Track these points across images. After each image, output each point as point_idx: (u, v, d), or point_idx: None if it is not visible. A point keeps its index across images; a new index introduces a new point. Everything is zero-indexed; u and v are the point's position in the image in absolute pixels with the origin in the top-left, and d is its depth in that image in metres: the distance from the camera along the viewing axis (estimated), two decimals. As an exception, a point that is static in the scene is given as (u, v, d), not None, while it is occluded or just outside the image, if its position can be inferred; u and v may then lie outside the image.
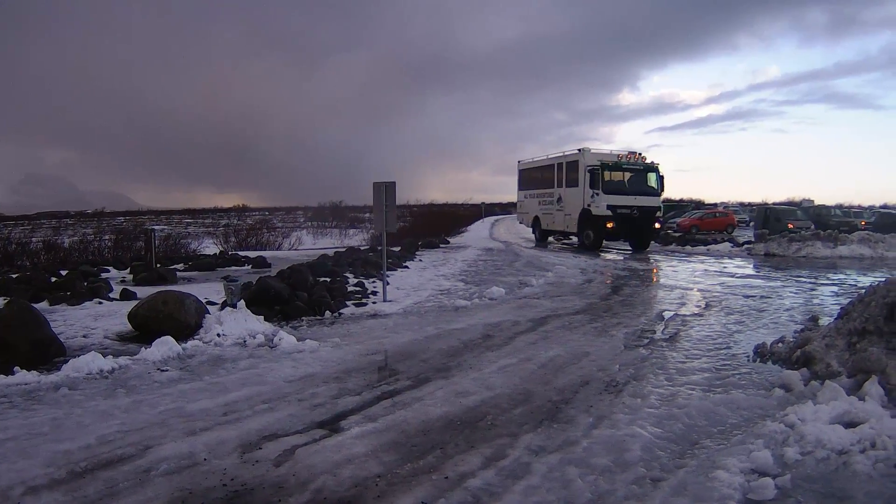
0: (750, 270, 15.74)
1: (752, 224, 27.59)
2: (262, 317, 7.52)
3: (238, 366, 5.90)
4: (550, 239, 25.94)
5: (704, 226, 33.13)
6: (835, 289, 11.73)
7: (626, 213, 20.43)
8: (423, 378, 5.48)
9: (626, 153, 21.28)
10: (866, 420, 4.31)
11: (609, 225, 20.36)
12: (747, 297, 10.70)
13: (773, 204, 54.00)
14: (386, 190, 10.07)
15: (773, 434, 4.13)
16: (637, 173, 21.10)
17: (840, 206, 49.92)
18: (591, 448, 3.93)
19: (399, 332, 7.54)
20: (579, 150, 21.31)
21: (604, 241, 21.50)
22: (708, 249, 21.93)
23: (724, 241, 24.43)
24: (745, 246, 21.92)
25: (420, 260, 17.56)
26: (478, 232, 35.29)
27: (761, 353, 6.48)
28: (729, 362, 6.17)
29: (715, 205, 56.16)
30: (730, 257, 19.45)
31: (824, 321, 7.32)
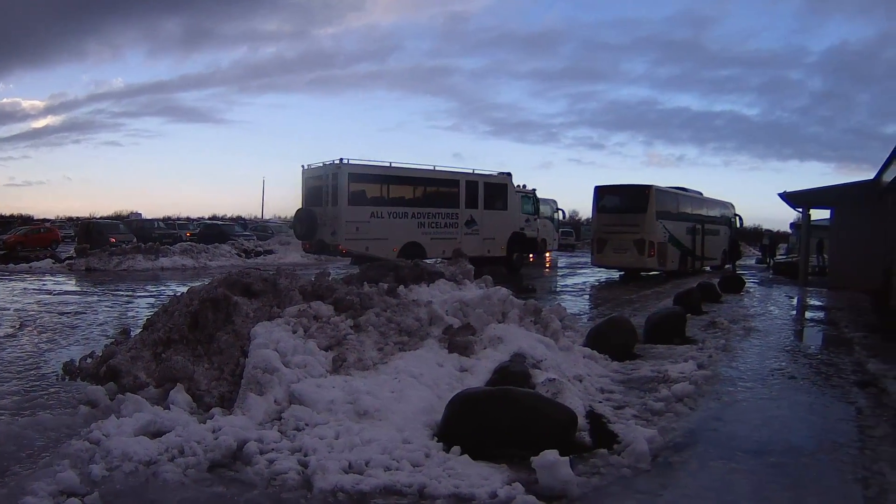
0: (69, 287, 15.66)
1: (76, 239, 26.26)
2: None
3: None
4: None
5: (29, 242, 31.22)
6: (151, 300, 12.48)
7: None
8: None
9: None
10: (173, 428, 4.30)
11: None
12: (62, 313, 10.64)
13: (99, 218, 50.31)
14: None
15: (78, 453, 3.99)
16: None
17: (167, 219, 48.43)
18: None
19: None
20: (503, 173, 21.21)
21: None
22: (30, 267, 20.74)
23: (47, 257, 23.56)
24: (67, 262, 21.61)
25: None
26: None
27: (70, 370, 6.21)
28: (38, 383, 6.08)
29: (42, 220, 52.35)
30: (52, 274, 19.07)
31: (135, 333, 7.14)
